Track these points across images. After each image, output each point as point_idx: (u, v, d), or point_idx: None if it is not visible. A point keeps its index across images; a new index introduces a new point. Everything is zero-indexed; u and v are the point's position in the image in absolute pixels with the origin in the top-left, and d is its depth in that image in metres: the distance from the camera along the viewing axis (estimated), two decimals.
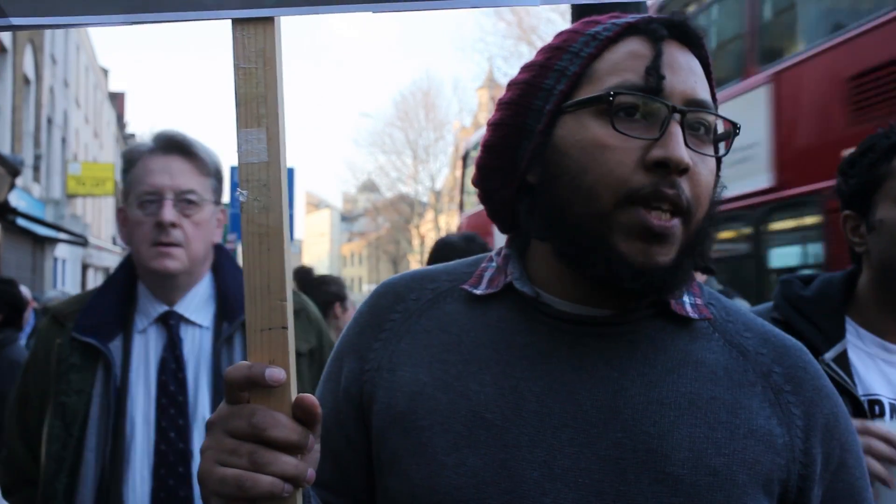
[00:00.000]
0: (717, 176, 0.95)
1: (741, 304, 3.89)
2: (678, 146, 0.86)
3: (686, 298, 0.97)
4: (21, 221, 16.34)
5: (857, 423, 1.26)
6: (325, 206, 76.59)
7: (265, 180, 0.81)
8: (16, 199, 15.95)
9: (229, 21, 0.82)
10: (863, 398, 1.41)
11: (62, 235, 19.98)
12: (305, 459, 0.80)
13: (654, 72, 0.89)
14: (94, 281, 30.48)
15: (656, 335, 0.94)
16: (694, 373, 0.92)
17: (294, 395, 0.81)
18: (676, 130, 0.87)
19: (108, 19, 0.81)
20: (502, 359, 0.94)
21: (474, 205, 12.63)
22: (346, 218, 72.10)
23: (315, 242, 75.01)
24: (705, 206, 0.91)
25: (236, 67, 0.81)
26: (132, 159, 1.83)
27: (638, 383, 0.90)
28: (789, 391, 0.94)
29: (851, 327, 1.49)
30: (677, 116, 0.88)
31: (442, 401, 0.93)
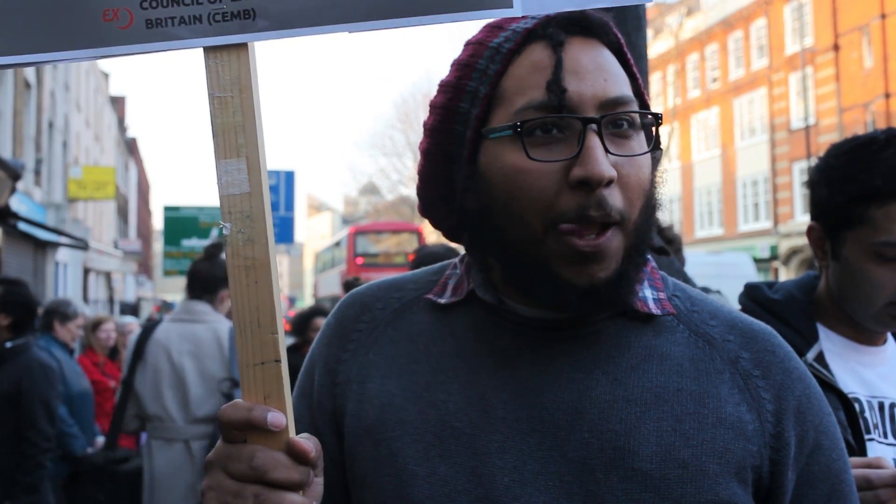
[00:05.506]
0: (655, 159, 0.94)
1: (721, 300, 3.85)
2: (597, 163, 0.84)
3: (648, 294, 0.96)
4: (22, 226, 16.33)
5: (857, 474, 1.24)
6: (326, 209, 76.60)
7: (248, 211, 0.79)
8: (17, 204, 15.95)
9: (201, 50, 0.80)
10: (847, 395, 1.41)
11: (63, 240, 19.97)
12: (308, 494, 0.79)
13: (556, 86, 0.86)
14: (96, 285, 30.46)
15: (620, 333, 0.94)
16: (659, 367, 0.92)
17: (292, 430, 0.80)
18: (594, 144, 0.85)
19: (74, 55, 0.79)
20: (469, 367, 0.94)
21: None
22: (348, 220, 72.03)
23: (316, 245, 75.02)
24: (639, 204, 0.90)
25: (211, 97, 0.79)
26: None
27: (603, 382, 0.90)
28: (758, 376, 0.93)
29: (821, 330, 1.51)
30: (593, 126, 0.86)
31: (411, 412, 0.93)
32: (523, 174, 0.87)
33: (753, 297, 1.58)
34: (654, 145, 0.94)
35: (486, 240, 0.94)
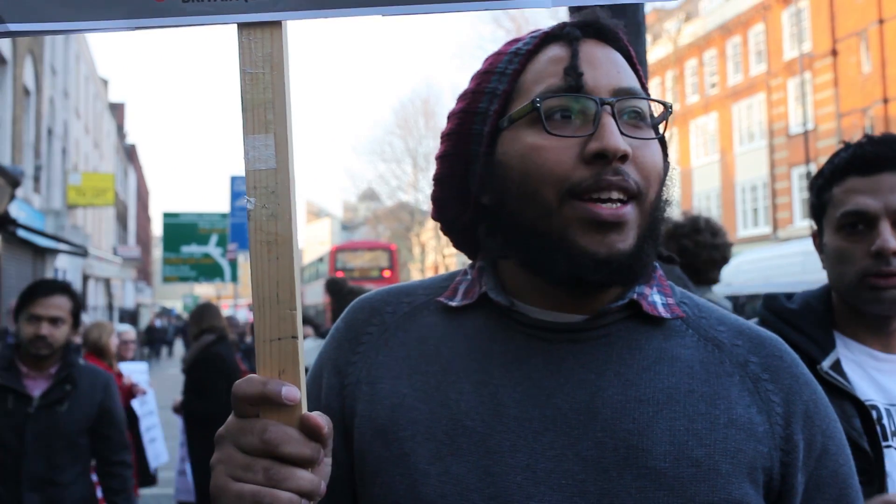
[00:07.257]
0: (665, 157, 0.97)
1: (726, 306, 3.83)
2: (612, 135, 0.88)
3: (658, 299, 0.98)
4: (21, 232, 16.32)
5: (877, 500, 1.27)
6: (325, 215, 76.72)
7: (273, 187, 0.79)
8: (16, 210, 15.94)
9: (234, 25, 0.80)
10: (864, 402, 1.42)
11: (62, 246, 19.95)
12: (317, 472, 0.79)
13: (573, 70, 0.91)
14: (95, 292, 30.42)
15: (630, 336, 0.95)
16: (670, 368, 0.93)
17: (304, 407, 0.79)
18: (609, 121, 0.89)
19: (110, 25, 0.78)
20: (480, 367, 0.95)
21: None
22: (347, 227, 72.09)
23: (316, 251, 75.11)
24: (656, 186, 0.93)
25: (242, 72, 0.80)
26: None
27: (615, 383, 0.91)
28: (767, 379, 0.94)
29: (838, 338, 1.52)
30: (607, 108, 0.90)
31: (423, 411, 0.94)
32: (539, 150, 0.90)
33: (770, 307, 1.62)
34: (662, 139, 0.97)
35: (501, 226, 0.96)
